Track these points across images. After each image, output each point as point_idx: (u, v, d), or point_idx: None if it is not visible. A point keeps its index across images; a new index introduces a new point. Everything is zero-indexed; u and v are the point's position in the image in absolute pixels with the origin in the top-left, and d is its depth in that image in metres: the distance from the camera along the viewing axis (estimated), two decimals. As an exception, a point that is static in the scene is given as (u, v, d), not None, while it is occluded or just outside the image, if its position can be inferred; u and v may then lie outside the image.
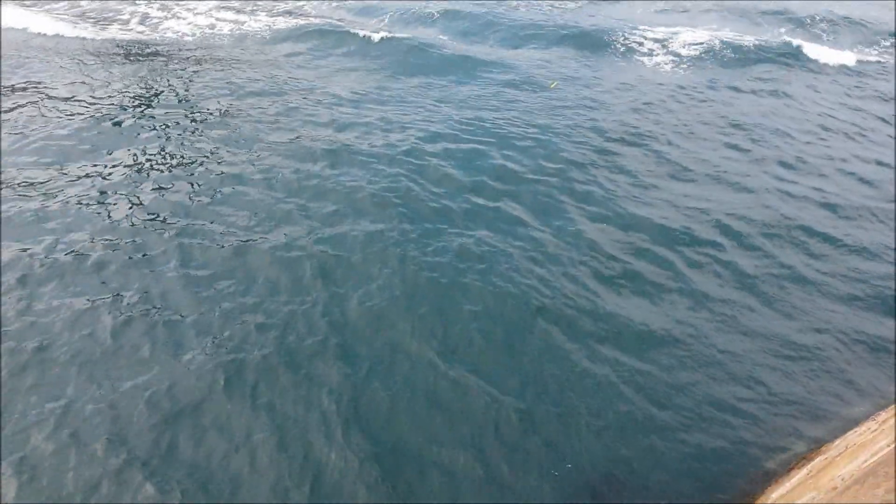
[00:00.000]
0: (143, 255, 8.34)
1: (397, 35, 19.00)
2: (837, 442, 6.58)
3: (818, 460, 6.29)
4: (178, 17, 19.91)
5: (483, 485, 5.91)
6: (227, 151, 11.21)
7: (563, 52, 19.10)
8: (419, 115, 13.51)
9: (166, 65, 15.59)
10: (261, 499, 5.60)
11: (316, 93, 14.36)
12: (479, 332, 7.59)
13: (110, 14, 19.81)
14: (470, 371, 7.07)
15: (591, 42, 19.84)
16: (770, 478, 6.33)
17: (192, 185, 10.05)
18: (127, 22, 19.24)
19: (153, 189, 9.83)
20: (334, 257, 8.58)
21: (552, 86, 15.39)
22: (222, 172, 10.45)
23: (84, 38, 17.27)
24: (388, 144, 11.82)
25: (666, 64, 18.48)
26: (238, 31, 19.07)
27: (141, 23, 19.30)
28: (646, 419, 6.75)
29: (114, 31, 18.31)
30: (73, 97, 12.92)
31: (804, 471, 6.20)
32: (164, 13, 20.18)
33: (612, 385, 7.09)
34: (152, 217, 9.13)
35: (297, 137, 11.92)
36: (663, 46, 19.65)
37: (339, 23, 20.44)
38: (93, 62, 15.25)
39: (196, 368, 6.74)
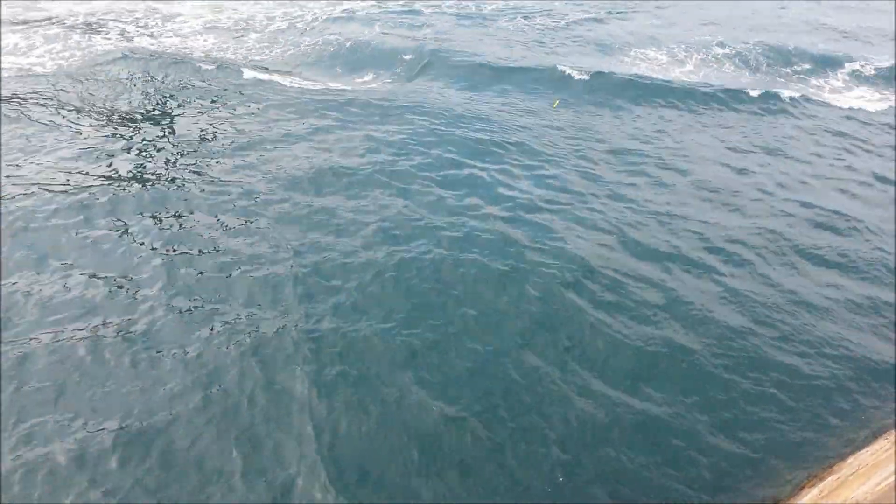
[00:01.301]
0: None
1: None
2: (850, 461, 6.44)
3: (829, 479, 6.16)
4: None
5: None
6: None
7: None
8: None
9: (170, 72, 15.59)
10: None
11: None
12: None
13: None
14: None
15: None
16: (780, 496, 6.20)
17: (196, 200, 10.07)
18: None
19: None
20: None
21: (554, 105, 15.35)
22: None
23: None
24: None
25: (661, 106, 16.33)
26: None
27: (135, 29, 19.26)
28: (655, 437, 6.67)
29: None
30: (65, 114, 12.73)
31: (815, 490, 6.07)
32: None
33: (619, 406, 7.02)
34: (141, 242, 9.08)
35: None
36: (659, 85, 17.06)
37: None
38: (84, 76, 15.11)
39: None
